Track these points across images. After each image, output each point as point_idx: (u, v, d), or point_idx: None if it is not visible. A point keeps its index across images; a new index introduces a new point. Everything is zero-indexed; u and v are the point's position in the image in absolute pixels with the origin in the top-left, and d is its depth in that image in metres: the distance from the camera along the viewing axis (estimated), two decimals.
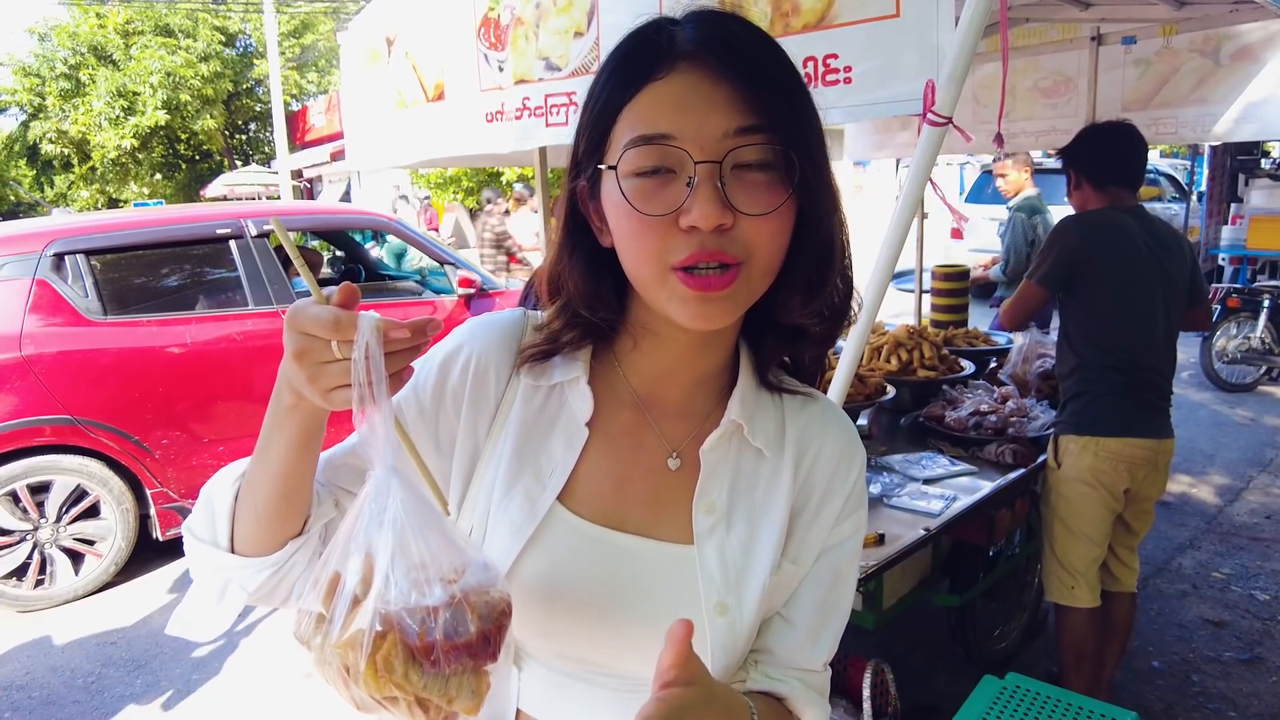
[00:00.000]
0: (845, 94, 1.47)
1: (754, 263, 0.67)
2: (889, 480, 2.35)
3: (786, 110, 0.67)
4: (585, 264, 0.75)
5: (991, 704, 1.75)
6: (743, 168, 0.66)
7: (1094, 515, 2.42)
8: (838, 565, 0.82)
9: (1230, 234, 8.43)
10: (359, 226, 6.12)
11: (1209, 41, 3.31)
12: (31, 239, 3.86)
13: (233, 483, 0.73)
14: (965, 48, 1.24)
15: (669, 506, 0.78)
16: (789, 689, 0.79)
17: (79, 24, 18.16)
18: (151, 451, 3.89)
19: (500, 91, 2.38)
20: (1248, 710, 2.75)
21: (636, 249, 0.68)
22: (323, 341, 0.60)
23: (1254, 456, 5.15)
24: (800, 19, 1.51)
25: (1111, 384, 2.38)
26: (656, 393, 0.81)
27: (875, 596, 2.31)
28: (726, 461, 0.79)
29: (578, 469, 0.78)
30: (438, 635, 0.59)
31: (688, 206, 0.65)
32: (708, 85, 0.65)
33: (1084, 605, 2.48)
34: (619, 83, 0.68)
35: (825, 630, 0.82)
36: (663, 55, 0.67)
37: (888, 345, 3.09)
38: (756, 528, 0.78)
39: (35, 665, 3.32)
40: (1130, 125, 2.53)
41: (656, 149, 0.65)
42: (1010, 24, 3.60)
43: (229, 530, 0.73)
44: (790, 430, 0.81)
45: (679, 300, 0.68)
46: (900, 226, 1.36)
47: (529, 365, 0.80)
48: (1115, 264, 2.36)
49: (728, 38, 0.67)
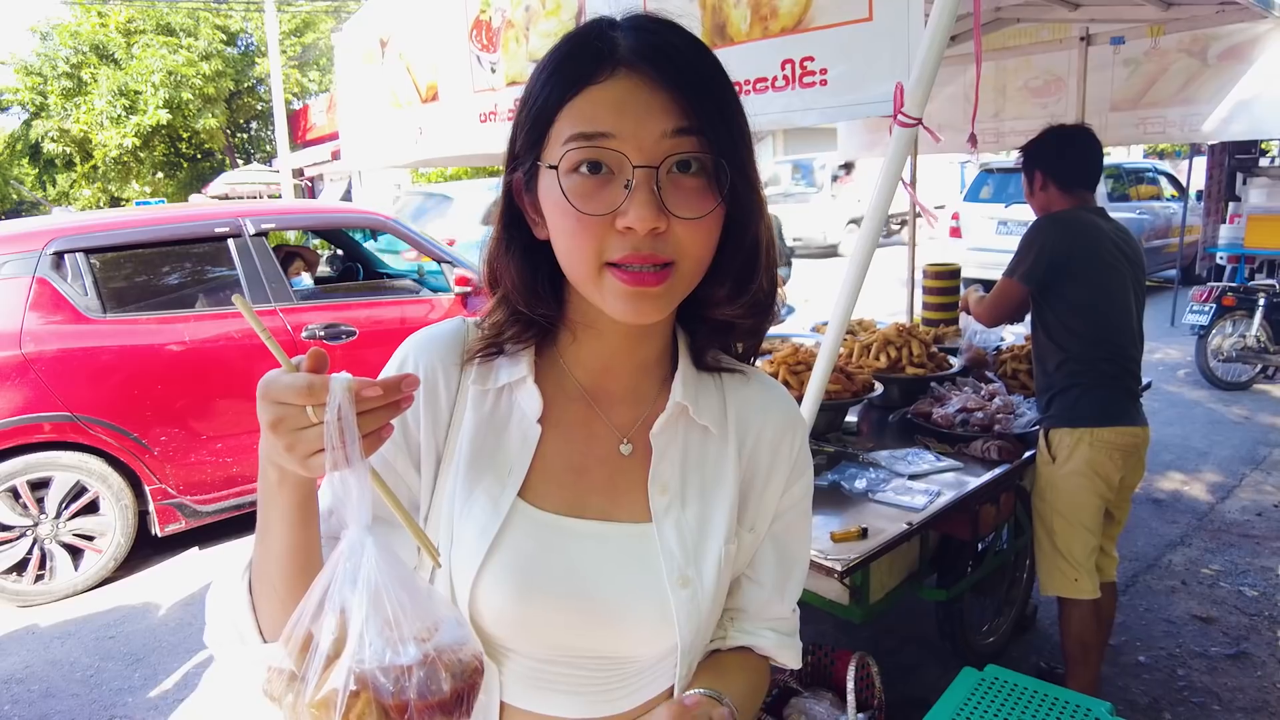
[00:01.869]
0: (821, 96, 1.50)
1: (685, 263, 0.71)
2: (874, 476, 2.38)
3: (719, 118, 0.70)
4: (521, 257, 0.78)
5: (969, 695, 1.78)
6: (677, 173, 0.69)
7: (1091, 505, 2.48)
8: (791, 524, 0.90)
9: (1228, 233, 8.43)
10: (357, 225, 6.15)
11: (1197, 42, 3.34)
12: (31, 238, 3.89)
13: (240, 578, 0.73)
14: (932, 51, 1.27)
15: (625, 490, 0.82)
16: (764, 640, 0.88)
17: (81, 23, 18.19)
18: (150, 448, 3.93)
19: (493, 93, 2.41)
20: (1232, 704, 2.78)
21: (574, 246, 0.71)
22: (297, 408, 0.60)
23: (1247, 454, 5.17)
24: (778, 22, 1.54)
25: (1100, 375, 2.44)
26: (601, 383, 0.84)
27: (862, 590, 2.34)
28: (675, 442, 0.84)
29: (535, 464, 0.81)
30: (411, 694, 0.59)
31: (625, 209, 0.67)
32: (646, 90, 0.68)
33: (1087, 596, 2.51)
34: (560, 82, 0.71)
35: (789, 582, 0.89)
36: (603, 59, 0.69)
37: (877, 343, 3.12)
38: (709, 502, 0.83)
39: (34, 659, 3.35)
40: (1089, 129, 2.61)
41: (596, 148, 0.68)
42: (1001, 24, 3.65)
43: (254, 624, 0.73)
44: (731, 408, 0.86)
45: (614, 295, 0.71)
46: (873, 226, 1.39)
47: (477, 369, 0.83)
48: (1093, 260, 2.43)
49: (665, 47, 0.70)
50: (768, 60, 1.59)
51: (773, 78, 1.57)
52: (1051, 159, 2.54)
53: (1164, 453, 5.14)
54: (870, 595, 2.36)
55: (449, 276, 4.96)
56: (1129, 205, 10.39)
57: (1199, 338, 6.56)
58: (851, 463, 2.51)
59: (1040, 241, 2.46)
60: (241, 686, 0.68)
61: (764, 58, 1.60)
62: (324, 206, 8.13)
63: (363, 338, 4.44)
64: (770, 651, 0.88)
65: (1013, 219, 9.85)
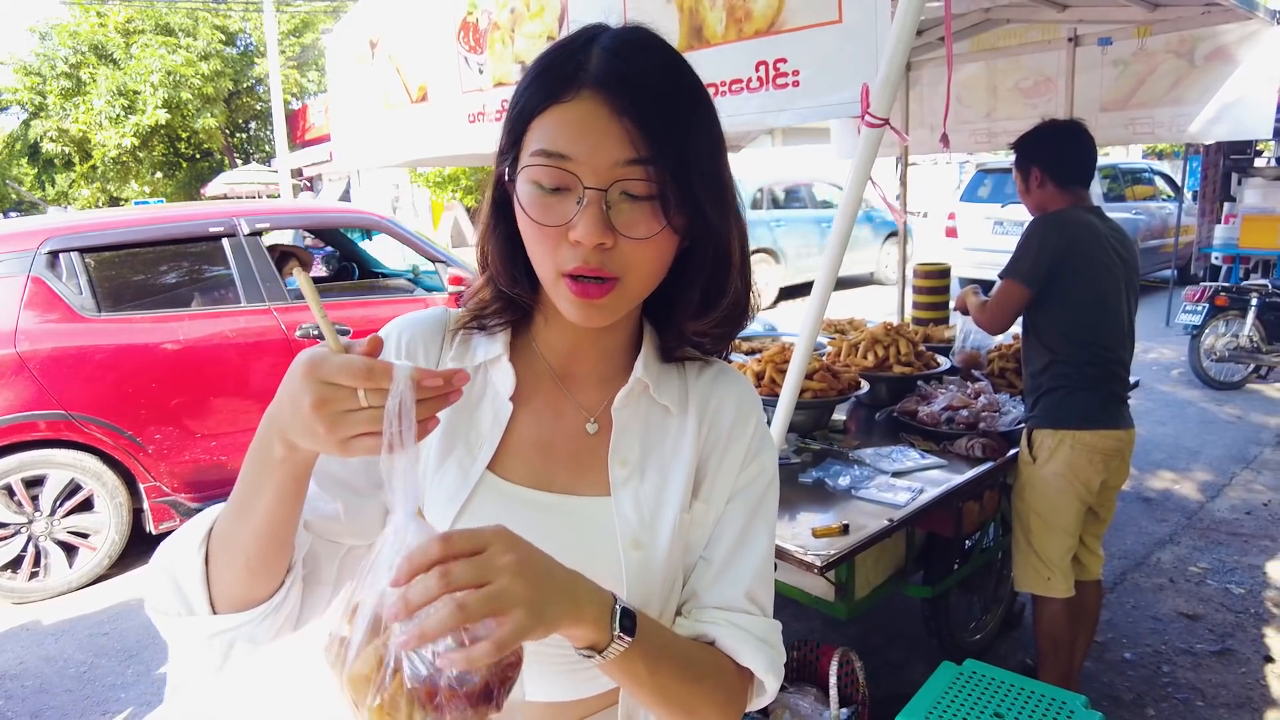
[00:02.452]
0: (794, 97, 1.53)
1: (630, 278, 0.76)
2: (859, 473, 2.40)
3: (674, 149, 0.73)
4: (504, 241, 0.83)
5: (947, 689, 1.80)
6: (628, 195, 0.73)
7: (1069, 508, 2.48)
8: (749, 505, 0.89)
9: (1223, 233, 8.45)
10: (350, 225, 6.18)
11: (1184, 42, 3.35)
12: (26, 236, 3.91)
13: (197, 550, 0.72)
14: (897, 53, 1.29)
15: (589, 466, 0.87)
16: (717, 630, 0.83)
17: (80, 23, 18.20)
18: (145, 446, 3.95)
19: (481, 93, 2.44)
20: (1215, 700, 2.80)
21: (534, 251, 0.77)
22: (348, 390, 0.60)
23: (1238, 453, 5.19)
24: (752, 24, 1.56)
25: (1086, 378, 2.43)
26: (569, 366, 0.89)
27: (847, 587, 2.36)
28: (637, 418, 0.88)
29: (505, 439, 0.86)
30: (443, 682, 0.59)
31: (575, 223, 0.72)
32: (605, 117, 0.72)
33: (1060, 595, 2.53)
34: (535, 93, 0.75)
35: (741, 565, 0.86)
36: (571, 80, 0.73)
37: (865, 341, 3.14)
38: (667, 475, 0.86)
39: (29, 655, 3.38)
40: (1082, 124, 2.56)
41: (554, 168, 0.73)
42: (991, 25, 3.67)
43: (206, 595, 0.73)
44: (692, 392, 0.90)
45: (566, 301, 0.77)
46: (843, 226, 1.41)
47: (456, 347, 0.88)
48: (1089, 262, 2.40)
49: (631, 76, 0.73)
50: (742, 62, 1.61)
51: (747, 79, 1.60)
52: (1048, 155, 2.50)
53: (1155, 452, 5.16)
54: (856, 591, 2.39)
55: (443, 276, 4.99)
56: (1125, 205, 10.41)
57: (1192, 337, 6.58)
58: (837, 460, 2.53)
59: (1040, 241, 2.43)
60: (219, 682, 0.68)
61: (739, 59, 1.62)
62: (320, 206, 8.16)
63: (356, 337, 4.43)
64: (727, 645, 0.82)
65: (1009, 219, 9.87)
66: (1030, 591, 2.59)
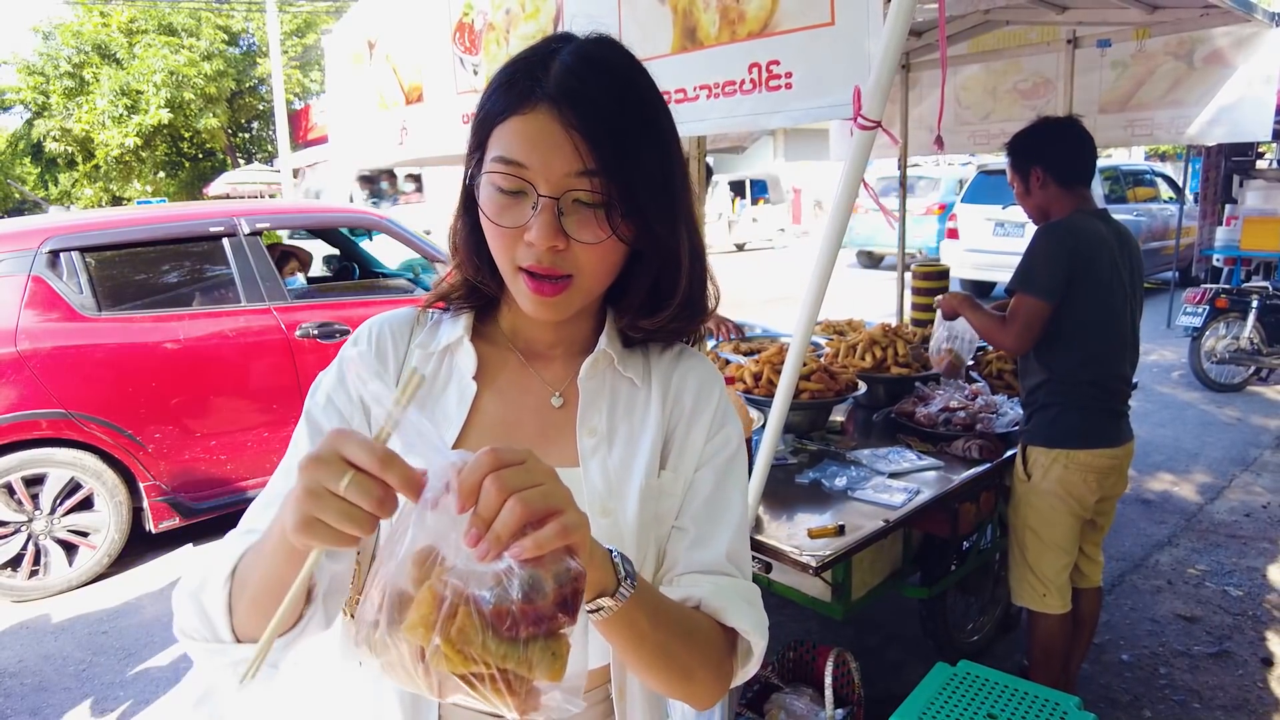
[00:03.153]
0: (787, 99, 1.53)
1: (583, 277, 0.81)
2: (855, 474, 2.40)
3: (623, 162, 0.78)
4: (470, 232, 0.87)
5: (940, 690, 1.80)
6: (579, 202, 0.78)
7: (1065, 525, 2.43)
8: (718, 469, 0.92)
9: (1224, 235, 8.45)
10: (351, 225, 6.18)
11: (1183, 45, 3.36)
12: (27, 236, 3.93)
13: (224, 584, 0.73)
14: (889, 55, 1.30)
15: (557, 439, 0.89)
16: (700, 591, 0.84)
17: (83, 23, 18.25)
18: (145, 445, 3.96)
19: (475, 94, 2.44)
20: (1212, 702, 2.80)
21: (494, 245, 0.82)
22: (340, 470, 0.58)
23: (1238, 455, 5.19)
24: (745, 26, 1.57)
25: (1082, 397, 2.36)
26: (534, 345, 0.93)
27: (844, 587, 2.36)
28: (603, 390, 0.91)
29: (470, 419, 0.89)
30: (513, 597, 0.56)
31: (530, 226, 0.78)
32: (558, 131, 0.76)
33: (1055, 612, 2.48)
34: (498, 101, 0.80)
35: (718, 527, 0.89)
36: (529, 94, 0.78)
37: (863, 342, 3.14)
38: (634, 445, 0.90)
39: (28, 653, 3.39)
40: (1079, 120, 2.47)
41: (511, 175, 0.78)
42: (990, 26, 3.67)
43: (229, 627, 0.73)
44: (655, 369, 0.95)
45: (522, 295, 0.82)
46: (836, 227, 1.42)
47: (423, 334, 0.93)
48: (1096, 277, 2.30)
49: (584, 92, 0.77)
50: (736, 64, 1.62)
51: (740, 81, 1.60)
52: (1048, 154, 2.38)
53: (1155, 454, 5.16)
54: (852, 592, 2.39)
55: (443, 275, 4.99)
56: (1126, 207, 10.41)
57: (1192, 339, 6.58)
58: (833, 461, 2.53)
59: (1054, 251, 2.29)
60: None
61: (732, 61, 1.63)
62: (320, 206, 8.17)
63: None
64: (712, 604, 0.83)
65: (1010, 220, 9.88)
66: (1025, 605, 2.55)
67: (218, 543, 0.79)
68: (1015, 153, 2.48)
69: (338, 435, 0.59)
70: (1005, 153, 2.54)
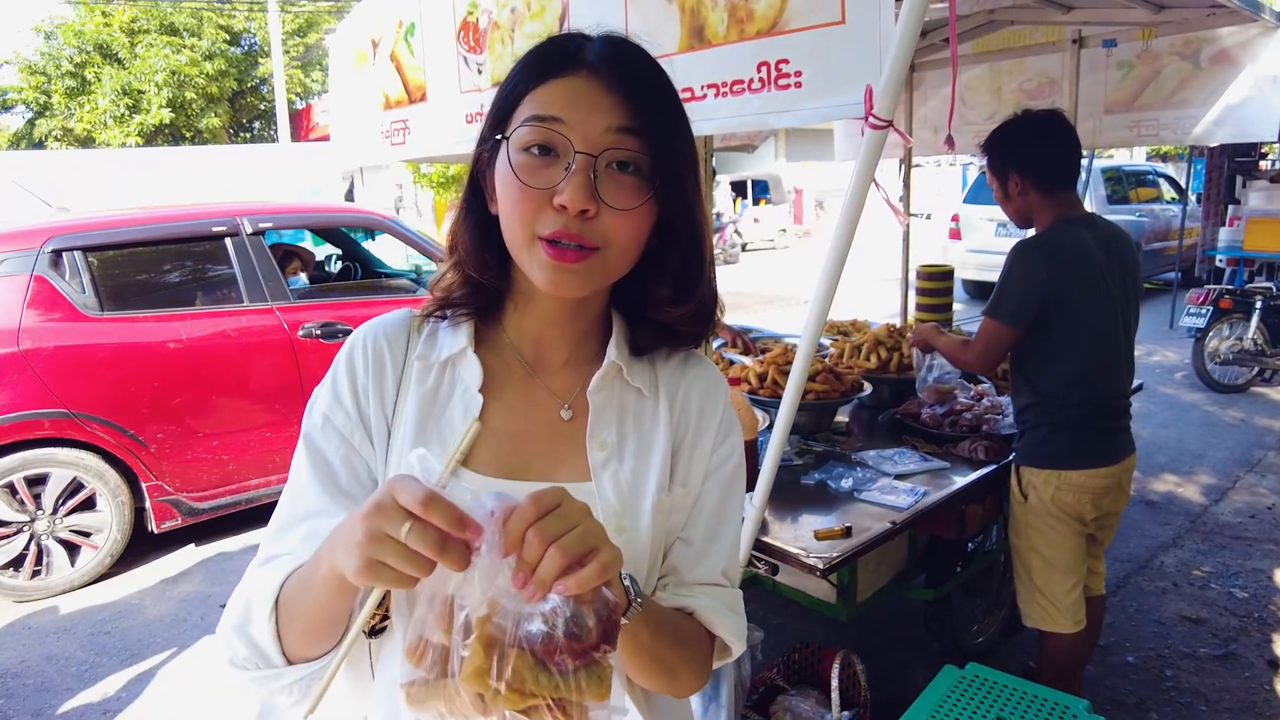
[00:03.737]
0: (796, 98, 1.52)
1: (609, 250, 0.78)
2: (860, 475, 2.39)
3: (662, 128, 0.78)
4: (475, 226, 0.85)
5: (949, 693, 1.79)
6: (614, 167, 0.76)
7: (1068, 546, 2.33)
8: (722, 484, 0.93)
9: (1228, 235, 8.44)
10: (354, 224, 6.18)
11: (1189, 44, 3.34)
12: (30, 235, 3.92)
13: (269, 616, 0.75)
14: (901, 54, 1.29)
15: (565, 453, 0.87)
16: (696, 602, 0.87)
17: (84, 22, 18.24)
18: (147, 445, 3.95)
19: (479, 93, 2.44)
20: (1219, 705, 2.79)
21: (513, 214, 0.77)
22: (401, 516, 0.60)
23: (1242, 457, 5.18)
24: (754, 25, 1.56)
25: (1071, 418, 2.26)
26: (539, 353, 0.90)
27: (849, 589, 2.35)
28: (611, 402, 0.89)
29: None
30: (560, 635, 0.61)
31: (561, 188, 0.74)
32: (599, 88, 0.76)
33: (1067, 632, 2.38)
34: (528, 75, 0.79)
35: (718, 542, 0.91)
36: (569, 60, 0.78)
37: (868, 343, 3.13)
38: (644, 458, 0.88)
39: (30, 653, 3.38)
40: (1061, 113, 2.28)
41: (545, 129, 0.75)
42: (995, 26, 3.66)
43: (279, 650, 0.76)
44: (661, 376, 0.92)
45: (539, 266, 0.77)
46: (846, 228, 1.41)
47: (421, 344, 0.88)
48: (1082, 296, 2.18)
49: (625, 59, 0.79)
50: (744, 62, 1.61)
51: (749, 80, 1.60)
52: (1027, 157, 2.22)
53: (1159, 455, 5.15)
54: (858, 594, 2.37)
55: None
56: (1129, 208, 10.40)
57: (1195, 340, 6.57)
58: (839, 462, 2.52)
59: (1025, 276, 2.18)
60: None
61: (741, 60, 1.62)
62: (323, 205, 8.16)
63: None
64: (704, 615, 0.87)
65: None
66: (1036, 626, 2.45)
67: (249, 576, 0.81)
68: (992, 153, 2.32)
69: (396, 483, 0.62)
70: (982, 151, 2.36)
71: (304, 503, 0.84)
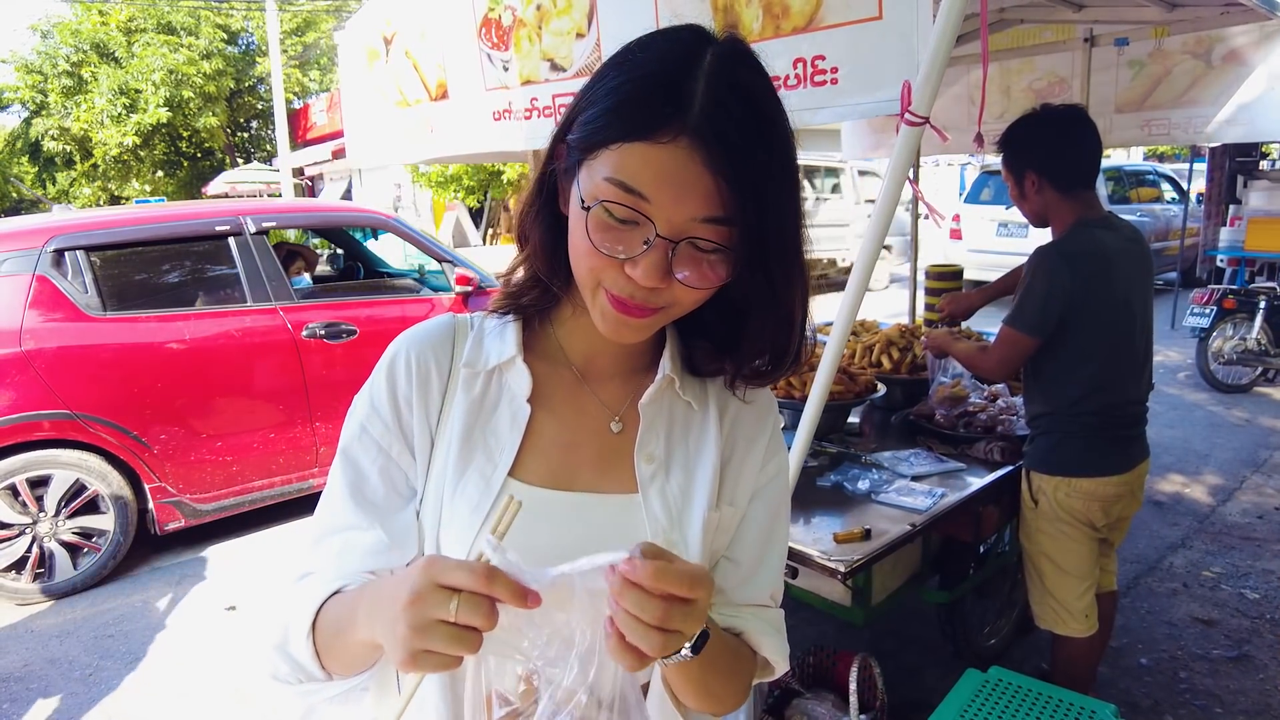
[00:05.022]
0: (833, 95, 1.50)
1: (674, 310, 0.76)
2: (877, 476, 2.37)
3: (759, 210, 0.70)
4: (548, 229, 0.81)
5: (974, 697, 1.77)
6: (695, 249, 0.70)
7: (1077, 552, 2.32)
8: (770, 503, 0.90)
9: (1229, 235, 8.43)
10: (357, 224, 6.15)
11: (1201, 43, 3.33)
12: (32, 235, 3.89)
13: (306, 637, 0.75)
14: (940, 50, 1.27)
15: (614, 464, 0.85)
16: (744, 624, 0.86)
17: (81, 21, 18.19)
18: (150, 447, 3.92)
19: (506, 91, 2.40)
20: (1234, 707, 2.77)
21: (581, 260, 0.74)
22: (447, 596, 0.59)
23: (1248, 457, 5.17)
24: (790, 21, 1.54)
25: (1084, 426, 2.23)
26: (591, 360, 0.87)
27: (864, 592, 2.33)
28: (661, 415, 0.87)
29: (525, 442, 0.84)
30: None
31: (636, 261, 0.70)
32: (696, 169, 0.67)
33: (1080, 635, 2.36)
34: (622, 121, 0.69)
35: (766, 563, 0.89)
36: (669, 121, 0.67)
37: (880, 344, 3.11)
38: (692, 472, 0.86)
39: (33, 657, 3.34)
40: (1083, 110, 2.25)
41: (629, 204, 0.68)
42: (1005, 25, 3.65)
43: (320, 667, 0.76)
44: (712, 391, 0.90)
45: (601, 314, 0.75)
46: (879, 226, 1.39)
47: (468, 351, 0.86)
48: (1103, 304, 2.15)
49: (733, 129, 0.68)
50: (780, 59, 1.58)
51: (785, 77, 1.57)
52: (1045, 156, 2.18)
53: (1165, 455, 5.14)
54: (873, 597, 2.35)
55: (450, 276, 4.96)
56: (1130, 208, 10.40)
57: (1199, 340, 6.56)
58: (854, 464, 2.50)
59: (1049, 283, 2.14)
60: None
61: (776, 57, 1.59)
62: (325, 205, 8.12)
63: (363, 337, 4.43)
64: (752, 638, 0.86)
65: (1013, 220, 9.84)
66: (1050, 629, 2.44)
67: (286, 593, 0.81)
68: (1009, 150, 2.26)
69: (432, 566, 0.60)
70: (999, 148, 2.29)
71: (339, 516, 0.82)
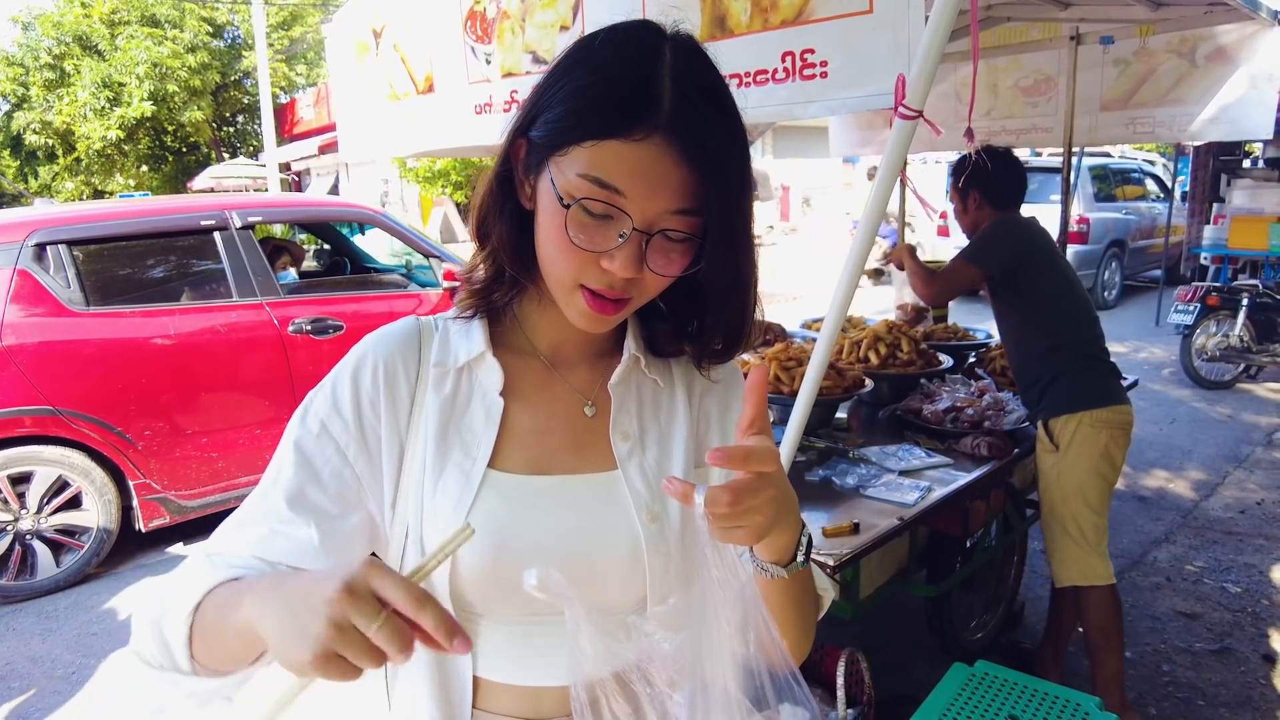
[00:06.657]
0: (823, 89, 1.50)
1: (641, 298, 0.80)
2: (865, 471, 2.38)
3: (723, 198, 0.74)
4: (513, 222, 0.81)
5: (959, 690, 1.78)
6: (666, 239, 0.75)
7: (1097, 486, 2.54)
8: None
9: (1212, 233, 8.51)
10: (344, 219, 6.11)
11: (1185, 42, 3.35)
12: (13, 229, 3.84)
13: (185, 619, 0.70)
14: (935, 43, 1.27)
15: (590, 445, 0.88)
16: None
17: (64, 13, 17.94)
18: (134, 443, 3.88)
19: (488, 84, 2.39)
20: (1215, 699, 2.80)
21: (556, 259, 0.76)
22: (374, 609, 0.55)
23: (1231, 453, 5.23)
24: (779, 14, 1.53)
25: (1085, 359, 2.58)
26: (559, 349, 0.90)
27: (853, 586, 2.34)
28: (631, 394, 0.90)
29: (501, 434, 0.85)
30: None
31: (613, 255, 0.74)
32: (668, 164, 0.71)
33: (1103, 582, 2.55)
34: (594, 119, 0.71)
35: None
36: (643, 118, 0.70)
37: (867, 340, 3.12)
38: (668, 446, 0.90)
39: (15, 655, 3.31)
40: (1012, 152, 2.83)
41: (605, 200, 0.72)
42: (992, 23, 3.66)
43: (189, 658, 0.71)
44: (675, 368, 0.94)
45: (577, 311, 0.79)
46: (871, 222, 1.39)
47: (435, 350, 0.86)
48: (1050, 255, 2.67)
49: (701, 123, 0.72)
50: (768, 53, 1.58)
51: (773, 70, 1.57)
52: (988, 180, 2.68)
53: (1148, 450, 5.18)
54: (861, 591, 2.37)
55: (437, 271, 4.94)
56: (1115, 205, 10.47)
57: (1183, 337, 6.62)
58: (842, 459, 2.51)
59: (1004, 234, 2.65)
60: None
61: (764, 50, 1.59)
62: (312, 200, 8.07)
63: (350, 332, 4.40)
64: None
65: None
66: (1074, 583, 2.59)
67: (189, 564, 0.76)
68: (958, 176, 2.79)
69: (372, 569, 0.57)
70: (948, 174, 2.85)
71: (272, 506, 0.80)
